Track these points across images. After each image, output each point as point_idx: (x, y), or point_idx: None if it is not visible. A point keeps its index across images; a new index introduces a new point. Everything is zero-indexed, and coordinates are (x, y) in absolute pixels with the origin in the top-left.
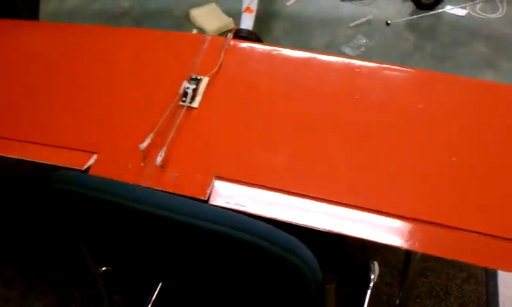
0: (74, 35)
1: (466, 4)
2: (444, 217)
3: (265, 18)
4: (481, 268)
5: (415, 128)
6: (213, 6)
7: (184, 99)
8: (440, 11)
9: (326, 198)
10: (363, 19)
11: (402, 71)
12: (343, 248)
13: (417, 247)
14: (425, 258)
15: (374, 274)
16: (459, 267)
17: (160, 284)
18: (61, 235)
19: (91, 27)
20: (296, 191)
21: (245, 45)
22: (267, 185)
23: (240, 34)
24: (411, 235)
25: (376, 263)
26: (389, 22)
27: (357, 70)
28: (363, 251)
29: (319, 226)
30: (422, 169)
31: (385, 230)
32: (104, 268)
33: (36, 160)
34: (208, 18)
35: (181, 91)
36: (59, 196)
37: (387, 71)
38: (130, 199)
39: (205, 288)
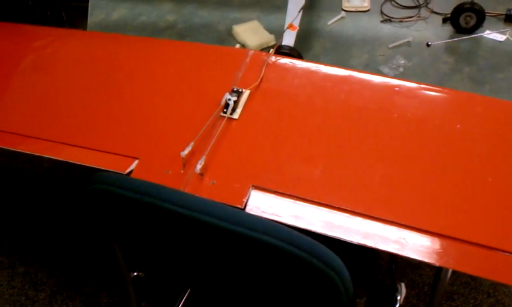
0: (121, 45)
1: (505, 30)
2: (479, 236)
3: (306, 35)
4: (509, 296)
5: (451, 147)
6: (255, 23)
7: (225, 110)
8: (478, 35)
9: (361, 212)
10: (403, 40)
11: (440, 91)
12: (375, 263)
13: (451, 264)
14: (453, 282)
15: (400, 296)
16: (486, 293)
17: (187, 293)
18: (95, 238)
19: (138, 38)
20: (331, 204)
21: (286, 60)
22: (302, 197)
23: (282, 50)
24: (444, 252)
25: (403, 285)
26: (430, 43)
27: (396, 88)
28: (390, 271)
29: (352, 240)
30: (457, 187)
31: (419, 246)
32: (135, 274)
33: (81, 163)
34: (250, 34)
35: (223, 102)
36: (101, 196)
37: (426, 91)
38: (172, 203)
39: (236, 296)
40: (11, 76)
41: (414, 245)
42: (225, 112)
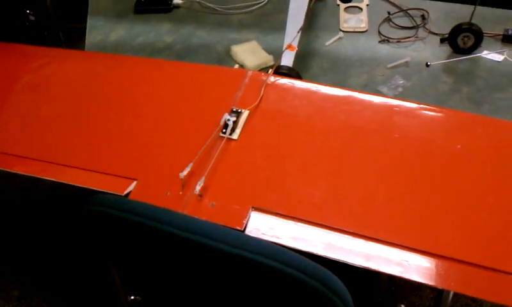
0: (119, 65)
1: (503, 50)
2: (482, 258)
3: (304, 56)
4: None
5: (453, 167)
6: (254, 43)
7: (224, 131)
8: (476, 55)
9: (363, 234)
10: (401, 61)
11: (441, 111)
12: (377, 284)
13: (453, 286)
14: (453, 305)
15: None
16: None
17: None
18: (91, 260)
19: (136, 58)
20: (332, 225)
21: (285, 80)
22: (303, 218)
23: (280, 70)
24: (446, 274)
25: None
26: (429, 63)
27: (396, 108)
28: (390, 293)
29: (355, 262)
30: (459, 208)
31: (421, 269)
32: (132, 297)
33: (77, 185)
34: (249, 55)
35: (222, 122)
36: (98, 218)
37: (426, 111)
38: (171, 225)
39: None
40: (8, 96)
41: (417, 268)
42: (224, 133)
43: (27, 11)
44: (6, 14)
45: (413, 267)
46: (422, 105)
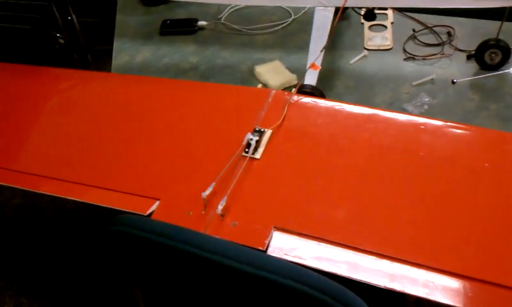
0: (144, 86)
1: None
2: (510, 279)
3: (328, 75)
4: None
5: (480, 186)
6: (277, 63)
7: (246, 150)
8: (505, 71)
9: (387, 254)
10: (427, 78)
11: (467, 129)
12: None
13: None
14: None
15: None
16: None
17: None
18: (115, 280)
19: (160, 79)
20: (356, 246)
21: (308, 99)
22: (326, 238)
23: (304, 90)
24: (475, 296)
25: None
26: (455, 80)
27: (422, 127)
28: None
29: (379, 283)
30: (488, 228)
31: (448, 290)
32: None
33: (100, 204)
34: (272, 74)
35: (244, 142)
36: (121, 239)
37: (452, 129)
38: (193, 245)
39: None
40: (36, 118)
41: (443, 289)
42: (247, 152)
43: (57, 35)
44: (37, 37)
45: (439, 288)
46: (448, 123)
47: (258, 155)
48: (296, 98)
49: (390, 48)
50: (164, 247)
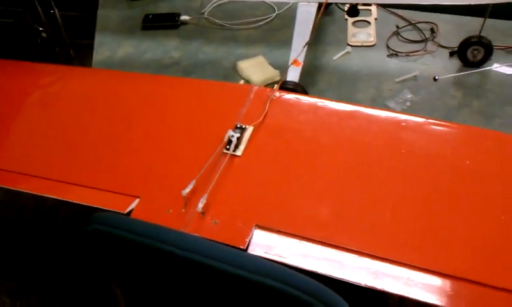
0: (125, 82)
1: None
2: (491, 277)
3: (311, 71)
4: None
5: (462, 183)
6: (260, 58)
7: (227, 147)
8: (487, 69)
9: (369, 253)
10: (409, 75)
11: (449, 126)
12: (386, 305)
13: None
14: None
15: None
16: None
17: None
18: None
19: (142, 75)
20: (338, 244)
21: (291, 96)
22: (308, 237)
23: (286, 86)
24: (456, 295)
25: None
26: (437, 77)
27: (403, 123)
28: None
29: (360, 282)
30: (469, 225)
31: (430, 288)
32: None
33: (79, 202)
34: (255, 70)
35: (225, 139)
36: (99, 237)
37: (434, 126)
38: (172, 244)
39: None
40: (16, 114)
41: (424, 287)
42: (228, 149)
43: (40, 29)
44: (19, 31)
45: (420, 286)
46: (430, 120)
47: (239, 152)
48: (278, 94)
49: (374, 45)
50: (141, 245)
